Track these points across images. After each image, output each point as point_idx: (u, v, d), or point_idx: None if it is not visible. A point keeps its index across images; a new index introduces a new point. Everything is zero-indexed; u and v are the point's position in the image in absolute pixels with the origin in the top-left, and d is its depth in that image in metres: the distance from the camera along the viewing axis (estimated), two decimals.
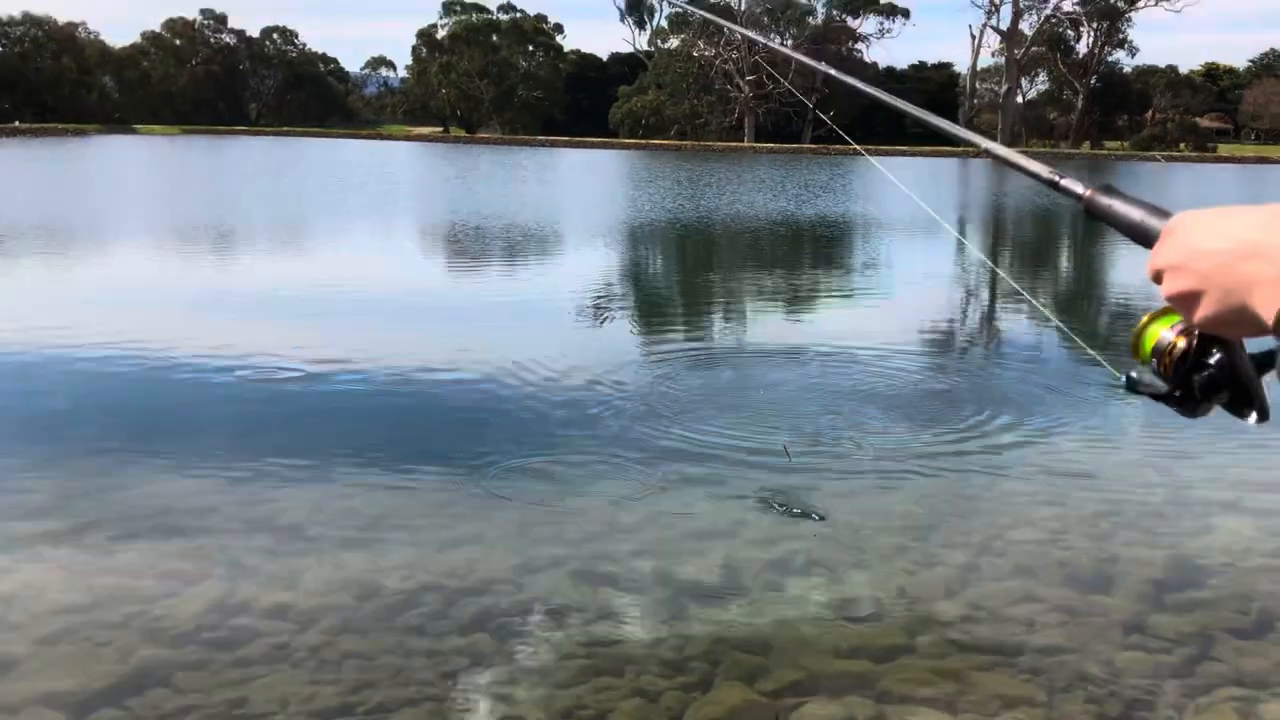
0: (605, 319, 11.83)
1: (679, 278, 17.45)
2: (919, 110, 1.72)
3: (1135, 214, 1.09)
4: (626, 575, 4.84)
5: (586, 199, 32.70)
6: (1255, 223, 0.87)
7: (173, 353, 9.00)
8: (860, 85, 1.83)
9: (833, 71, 2.02)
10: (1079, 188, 1.21)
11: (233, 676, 3.89)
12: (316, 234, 21.93)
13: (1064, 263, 20.35)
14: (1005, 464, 6.54)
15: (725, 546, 5.20)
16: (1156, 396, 1.06)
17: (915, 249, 21.52)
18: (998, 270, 14.85)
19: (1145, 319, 1.06)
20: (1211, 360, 1.00)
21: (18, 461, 6.33)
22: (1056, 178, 1.29)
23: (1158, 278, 0.97)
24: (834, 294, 14.71)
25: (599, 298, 13.65)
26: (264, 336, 9.78)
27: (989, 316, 13.43)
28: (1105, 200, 1.15)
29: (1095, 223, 1.19)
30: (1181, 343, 1.02)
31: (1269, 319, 0.84)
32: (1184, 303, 0.93)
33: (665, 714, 3.72)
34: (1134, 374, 1.08)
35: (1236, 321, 0.89)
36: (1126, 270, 16.19)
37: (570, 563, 4.98)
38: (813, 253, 20.59)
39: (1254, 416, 1.00)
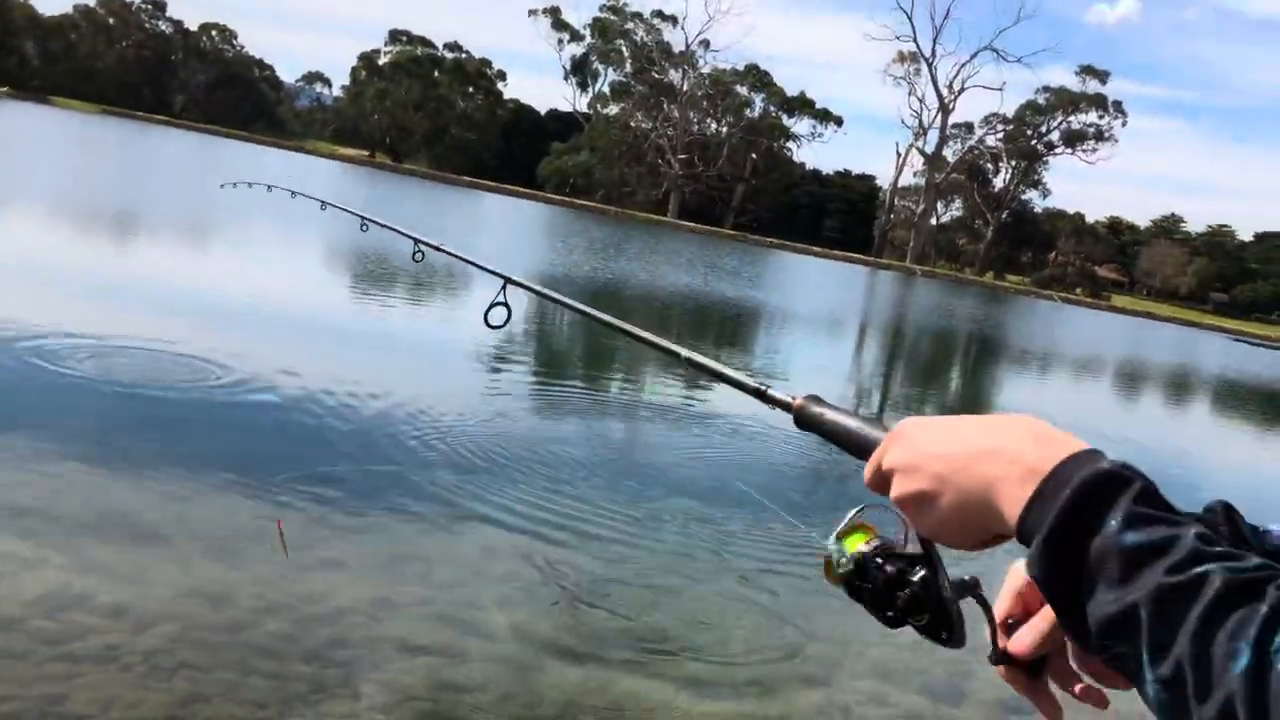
0: (499, 360, 11.72)
1: (582, 334, 17.44)
2: (617, 321, 1.73)
3: (849, 423, 1.06)
4: (486, 626, 4.73)
5: (517, 244, 32.62)
6: (988, 426, 0.87)
7: (42, 337, 8.62)
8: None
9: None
10: (786, 397, 1.19)
11: (56, 671, 3.67)
12: (220, 237, 21.40)
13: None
14: None
15: (590, 612, 5.12)
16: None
17: (819, 343, 21.94)
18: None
19: (835, 535, 1.01)
20: (915, 577, 0.95)
21: None
22: (763, 388, 1.25)
23: (882, 482, 0.94)
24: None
25: (490, 340, 13.53)
26: (151, 330, 9.44)
27: None
28: (815, 409, 1.12)
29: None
30: (879, 559, 0.97)
31: (1012, 517, 0.81)
32: (916, 504, 0.90)
33: None
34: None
35: (971, 524, 0.86)
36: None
37: (432, 604, 4.84)
38: (716, 330, 20.83)
39: (948, 641, 0.96)
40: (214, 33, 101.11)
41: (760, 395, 1.25)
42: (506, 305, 2.16)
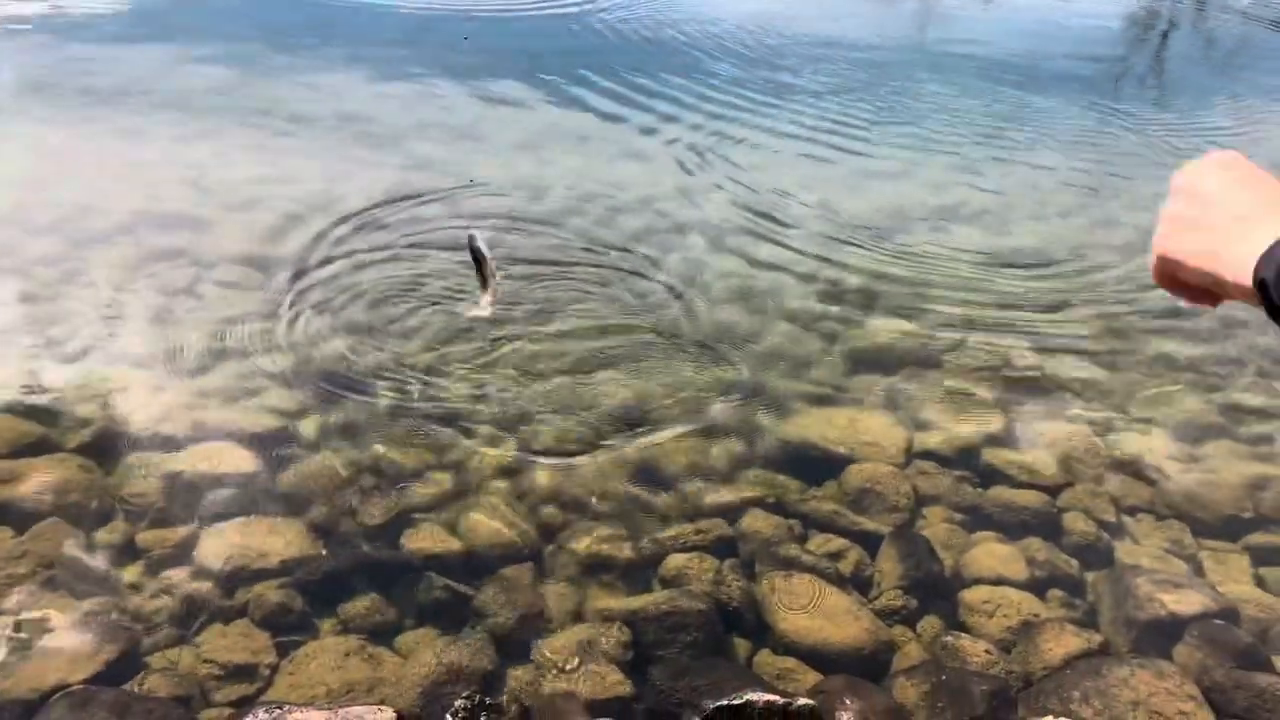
0: None
1: None
2: None
3: None
4: (789, 207, 4.78)
5: None
6: None
7: None
8: None
9: None
10: None
11: (410, 255, 4.08)
12: None
13: None
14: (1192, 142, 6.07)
15: (893, 187, 5.07)
16: None
17: None
18: None
19: None
20: None
21: (204, 48, 6.42)
22: None
23: None
24: None
25: None
26: None
27: None
28: None
29: None
30: None
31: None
32: None
33: (820, 337, 3.78)
34: None
35: None
36: None
37: (731, 189, 4.92)
38: None
39: None
40: None
41: None
42: None
